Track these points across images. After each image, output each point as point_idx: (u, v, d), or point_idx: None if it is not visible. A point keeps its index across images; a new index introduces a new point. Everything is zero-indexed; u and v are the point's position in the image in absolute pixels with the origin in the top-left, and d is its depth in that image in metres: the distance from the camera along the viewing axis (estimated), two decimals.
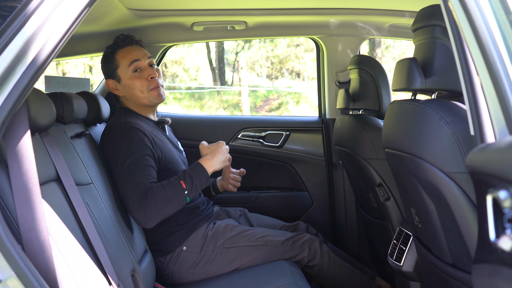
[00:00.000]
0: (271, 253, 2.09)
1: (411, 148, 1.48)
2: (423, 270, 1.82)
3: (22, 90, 1.18)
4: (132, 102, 2.16)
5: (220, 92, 13.59)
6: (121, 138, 1.96)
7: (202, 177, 1.92)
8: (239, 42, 13.94)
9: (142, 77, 2.11)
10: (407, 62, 1.55)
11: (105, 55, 2.18)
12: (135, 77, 2.11)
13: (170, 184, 1.87)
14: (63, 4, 1.21)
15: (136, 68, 2.11)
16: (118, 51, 2.14)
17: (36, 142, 1.46)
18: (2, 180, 1.22)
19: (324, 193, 2.97)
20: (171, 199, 1.85)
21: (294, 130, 3.01)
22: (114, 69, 2.14)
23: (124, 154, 1.92)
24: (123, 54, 2.13)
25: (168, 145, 2.15)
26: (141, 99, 2.13)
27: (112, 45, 2.17)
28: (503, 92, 1.05)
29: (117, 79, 2.14)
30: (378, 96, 2.36)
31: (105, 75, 2.20)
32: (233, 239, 2.08)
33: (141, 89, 2.11)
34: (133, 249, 1.83)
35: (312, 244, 2.13)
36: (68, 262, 1.28)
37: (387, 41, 13.65)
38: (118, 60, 2.13)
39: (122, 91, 2.15)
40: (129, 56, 2.12)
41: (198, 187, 1.91)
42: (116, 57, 2.14)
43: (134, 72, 2.11)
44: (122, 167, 1.90)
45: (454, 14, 1.16)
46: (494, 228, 0.97)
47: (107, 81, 2.17)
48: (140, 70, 2.12)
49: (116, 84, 2.15)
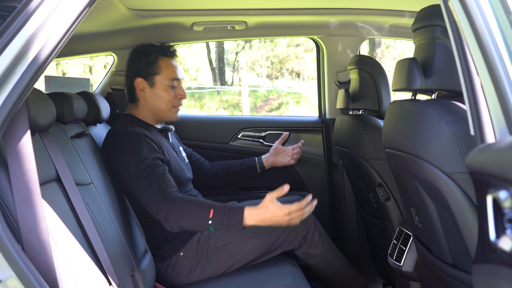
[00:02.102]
0: (265, 241, 2.08)
1: (411, 148, 1.48)
2: (423, 270, 1.82)
3: (22, 90, 1.18)
4: (149, 109, 2.16)
5: (220, 92, 13.59)
6: (131, 146, 1.96)
7: (234, 221, 1.79)
8: (239, 42, 13.94)
9: (174, 93, 2.15)
10: (407, 62, 1.55)
11: (144, 54, 2.15)
12: (168, 91, 2.14)
13: (200, 205, 1.83)
14: (63, 4, 1.21)
15: (173, 84, 2.15)
16: (163, 58, 2.15)
17: (36, 142, 1.46)
18: (2, 180, 1.22)
19: (324, 193, 2.97)
20: (192, 218, 1.82)
21: (294, 130, 3.01)
22: (153, 73, 2.13)
23: (138, 161, 1.92)
24: (167, 64, 2.15)
25: (172, 153, 2.16)
26: (161, 111, 2.16)
27: (155, 48, 2.16)
28: (503, 92, 1.05)
29: (151, 83, 2.14)
30: (378, 96, 2.36)
31: (135, 73, 2.16)
32: (225, 236, 2.08)
33: (167, 103, 2.15)
34: (133, 249, 1.83)
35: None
36: (68, 262, 1.28)
37: (387, 41, 13.65)
38: (161, 68, 2.14)
39: (148, 95, 2.14)
40: (174, 70, 2.16)
41: (225, 226, 1.81)
42: (160, 63, 2.14)
43: (169, 86, 2.14)
44: (139, 173, 1.90)
45: (454, 14, 1.16)
46: (494, 228, 0.97)
47: (137, 79, 2.14)
48: (175, 86, 2.16)
49: (146, 87, 2.14)
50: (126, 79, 2.21)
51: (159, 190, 1.86)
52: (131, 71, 2.17)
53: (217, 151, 2.96)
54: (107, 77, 2.94)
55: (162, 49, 2.16)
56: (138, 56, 2.17)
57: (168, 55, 2.17)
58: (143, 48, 2.18)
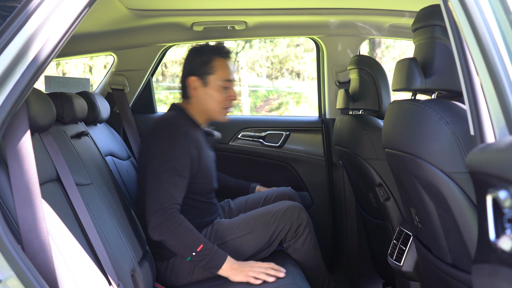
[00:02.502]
0: (261, 236, 2.08)
1: (411, 148, 1.48)
2: (423, 270, 1.82)
3: (22, 90, 1.18)
4: (199, 107, 2.17)
5: None
6: (171, 140, 1.97)
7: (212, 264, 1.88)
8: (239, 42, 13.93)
9: (226, 94, 2.15)
10: (407, 62, 1.55)
11: (200, 53, 2.16)
12: (221, 91, 2.14)
13: (193, 236, 1.88)
14: (63, 4, 1.21)
15: (226, 85, 2.15)
16: (218, 58, 2.15)
17: (36, 142, 1.46)
18: (2, 180, 1.22)
19: (324, 193, 2.97)
20: (180, 243, 1.87)
21: (294, 130, 3.01)
22: (207, 73, 2.13)
23: (165, 159, 1.94)
24: (222, 65, 2.15)
25: (209, 159, 2.18)
26: (211, 111, 2.16)
27: (211, 48, 2.16)
28: (503, 92, 1.05)
29: (204, 82, 2.13)
30: (378, 96, 2.36)
31: (190, 72, 2.16)
32: (221, 235, 2.08)
33: (218, 104, 2.15)
34: (133, 249, 1.83)
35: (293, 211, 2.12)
36: (68, 262, 1.28)
37: (387, 41, 13.65)
38: (216, 68, 2.13)
39: (201, 94, 2.14)
40: (228, 71, 2.15)
41: (203, 264, 1.88)
42: (215, 63, 2.13)
43: (223, 87, 2.14)
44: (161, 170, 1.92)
45: (454, 14, 1.16)
46: (494, 228, 0.97)
47: (191, 77, 2.14)
48: (228, 87, 2.16)
49: (199, 86, 2.14)
50: (181, 76, 2.22)
51: (165, 200, 1.88)
52: (186, 69, 2.18)
53: (217, 151, 2.95)
54: (107, 77, 2.95)
55: (217, 49, 2.16)
56: (193, 55, 2.17)
57: (223, 55, 2.17)
58: (198, 47, 2.19)
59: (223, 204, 2.45)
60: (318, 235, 2.43)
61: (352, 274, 2.88)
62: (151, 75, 3.04)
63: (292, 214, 2.11)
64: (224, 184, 2.59)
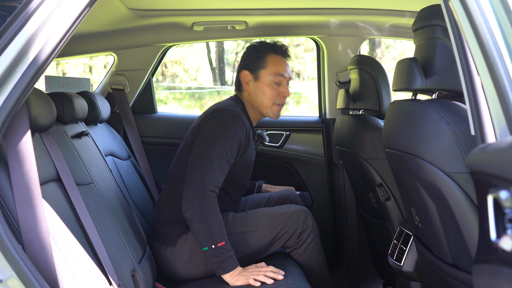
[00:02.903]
0: (263, 236, 2.08)
1: (411, 148, 1.48)
2: (423, 270, 1.82)
3: (23, 90, 1.18)
4: (253, 103, 2.19)
5: (220, 92, 13.59)
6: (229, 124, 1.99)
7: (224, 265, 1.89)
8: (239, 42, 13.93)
9: (277, 90, 2.16)
10: (407, 62, 1.55)
11: (256, 49, 2.19)
12: (272, 86, 2.15)
13: (220, 230, 1.89)
14: (63, 4, 1.21)
15: (277, 81, 2.15)
16: (272, 55, 2.17)
17: (37, 142, 1.46)
18: (3, 180, 1.22)
19: (324, 193, 2.97)
20: (205, 231, 1.87)
21: (294, 130, 3.01)
22: (258, 67, 2.16)
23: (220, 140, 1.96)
24: (275, 60, 2.17)
25: (252, 157, 2.19)
26: (262, 107, 2.17)
27: (267, 45, 2.19)
28: (504, 92, 1.05)
29: (256, 76, 2.16)
30: (378, 96, 2.36)
31: (244, 66, 2.19)
32: (227, 226, 2.07)
33: (269, 99, 2.15)
34: (133, 249, 1.83)
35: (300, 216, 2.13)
36: (68, 262, 1.28)
37: (387, 41, 13.64)
38: (268, 63, 2.15)
39: (252, 88, 2.17)
40: (279, 66, 2.16)
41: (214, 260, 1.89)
42: (268, 58, 2.16)
43: (273, 82, 2.15)
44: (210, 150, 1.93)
45: (454, 14, 1.16)
46: (495, 228, 0.97)
47: (243, 71, 2.18)
48: (280, 83, 2.17)
49: (251, 80, 2.17)
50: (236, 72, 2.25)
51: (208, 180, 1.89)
52: (241, 64, 2.22)
53: None
54: (107, 77, 2.95)
55: (273, 46, 2.19)
56: (250, 50, 2.21)
57: (278, 52, 2.19)
58: (256, 43, 2.22)
59: None
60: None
61: (352, 274, 2.88)
62: (151, 75, 3.04)
63: (298, 219, 2.11)
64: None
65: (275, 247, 2.12)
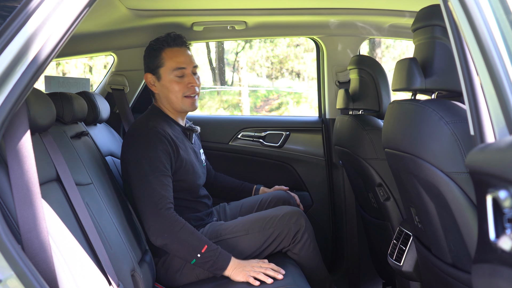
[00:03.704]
0: (256, 240, 2.07)
1: (411, 148, 1.48)
2: (423, 270, 1.82)
3: (22, 90, 1.18)
4: (165, 102, 2.17)
5: (220, 92, 13.59)
6: (147, 143, 1.96)
7: (218, 265, 1.88)
8: (239, 42, 13.93)
9: (182, 83, 2.13)
10: (407, 62, 1.55)
11: (152, 49, 2.16)
12: (176, 81, 2.12)
13: (196, 238, 1.88)
14: (63, 4, 1.21)
15: (180, 74, 2.12)
16: (166, 50, 2.13)
17: (36, 142, 1.46)
18: (2, 180, 1.22)
19: (324, 193, 2.97)
20: (184, 246, 1.86)
21: (294, 130, 3.01)
22: (157, 66, 2.13)
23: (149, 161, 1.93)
24: (171, 54, 2.12)
25: (191, 156, 2.16)
26: (174, 103, 2.15)
27: (161, 41, 2.15)
28: (503, 92, 1.05)
29: (158, 76, 2.14)
30: (378, 96, 2.36)
31: (146, 68, 2.18)
32: (217, 233, 2.07)
33: (177, 94, 2.12)
34: (133, 249, 1.83)
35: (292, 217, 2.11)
36: (68, 262, 1.28)
37: (387, 41, 13.65)
38: (164, 59, 2.12)
39: (159, 89, 2.15)
40: (176, 59, 2.12)
41: (208, 266, 1.88)
42: (163, 55, 2.13)
43: (176, 76, 2.12)
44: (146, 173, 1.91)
45: (454, 14, 1.16)
46: (494, 228, 0.97)
47: (146, 74, 2.16)
48: (183, 75, 2.13)
49: (155, 81, 2.15)
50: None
51: (158, 201, 1.88)
52: (144, 67, 2.19)
53: (217, 151, 2.96)
54: (107, 77, 2.94)
55: (165, 40, 2.15)
56: (146, 52, 2.19)
57: (172, 44, 2.14)
58: (152, 42, 2.19)
59: (218, 209, 2.44)
60: (318, 235, 2.43)
61: (352, 274, 2.88)
62: None
63: (290, 220, 2.10)
64: (228, 186, 2.58)
65: (270, 250, 2.11)
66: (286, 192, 2.47)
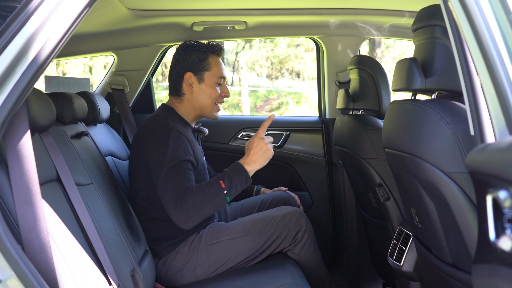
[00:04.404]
0: (256, 241, 2.07)
1: (411, 148, 1.48)
2: (423, 270, 1.82)
3: (22, 90, 1.18)
4: (194, 104, 2.18)
5: None
6: (170, 141, 1.97)
7: (241, 176, 1.93)
8: (239, 42, 13.93)
9: (219, 91, 2.20)
10: (407, 62, 1.55)
11: (196, 50, 2.18)
12: (216, 88, 2.18)
13: (209, 185, 1.89)
14: (63, 4, 1.21)
15: (220, 82, 2.19)
16: (212, 56, 2.19)
17: (36, 142, 1.46)
18: (2, 180, 1.22)
19: (324, 193, 2.97)
20: (210, 199, 1.87)
21: (294, 130, 3.01)
22: (203, 69, 2.16)
23: (169, 159, 1.93)
24: (216, 62, 2.20)
25: (201, 156, 2.19)
26: (204, 108, 2.19)
27: (205, 46, 2.20)
28: (503, 92, 1.05)
29: (200, 78, 2.17)
30: (378, 96, 2.36)
31: (188, 67, 2.17)
32: (217, 234, 2.07)
33: (211, 100, 2.18)
34: (133, 249, 1.83)
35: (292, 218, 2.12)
36: (68, 262, 1.28)
37: (387, 41, 13.65)
38: (211, 65, 2.18)
39: (196, 90, 2.17)
40: (221, 68, 2.21)
41: (238, 186, 1.92)
42: (210, 60, 2.18)
43: (217, 84, 2.18)
44: (164, 171, 1.91)
45: (454, 14, 1.16)
46: (494, 228, 0.97)
47: (187, 73, 2.16)
48: (221, 84, 2.21)
49: (195, 82, 2.17)
50: (172, 72, 2.21)
51: (180, 193, 1.88)
52: (180, 65, 2.18)
53: (217, 151, 2.96)
54: (107, 77, 2.95)
55: (211, 47, 2.20)
56: (188, 51, 2.19)
57: (217, 53, 2.21)
58: (192, 43, 2.21)
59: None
60: (318, 235, 2.43)
61: (352, 274, 2.88)
62: (151, 75, 3.04)
63: (290, 221, 2.10)
64: None
65: (270, 250, 2.11)
66: (287, 193, 2.47)
